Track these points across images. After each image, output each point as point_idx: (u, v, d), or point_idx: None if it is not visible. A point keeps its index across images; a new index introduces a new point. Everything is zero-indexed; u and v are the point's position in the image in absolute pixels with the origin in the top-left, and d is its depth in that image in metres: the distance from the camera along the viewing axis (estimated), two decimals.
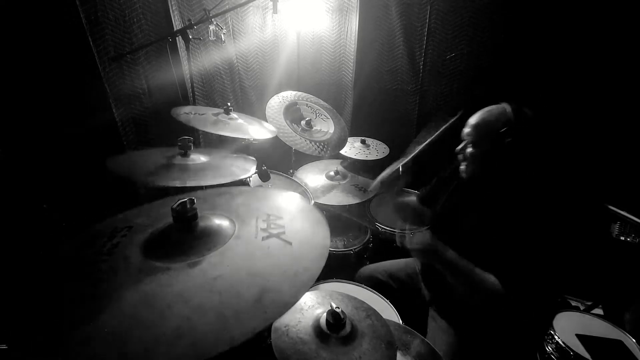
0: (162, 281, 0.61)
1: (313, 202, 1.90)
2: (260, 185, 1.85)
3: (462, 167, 1.22)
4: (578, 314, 1.44)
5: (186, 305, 0.55)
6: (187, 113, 1.63)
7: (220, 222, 0.77)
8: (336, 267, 1.76)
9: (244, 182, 1.77)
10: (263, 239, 0.73)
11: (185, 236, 0.71)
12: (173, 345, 0.49)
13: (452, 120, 1.45)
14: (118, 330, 0.51)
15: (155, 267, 0.64)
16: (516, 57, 2.11)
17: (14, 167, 1.57)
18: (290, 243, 0.72)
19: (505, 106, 1.11)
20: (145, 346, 0.49)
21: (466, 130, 1.17)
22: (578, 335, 1.31)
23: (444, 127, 1.48)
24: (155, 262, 0.65)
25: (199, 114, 1.65)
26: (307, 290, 0.64)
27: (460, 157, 1.22)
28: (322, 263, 0.67)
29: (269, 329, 0.90)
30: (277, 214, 0.83)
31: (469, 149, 1.17)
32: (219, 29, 1.87)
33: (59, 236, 1.60)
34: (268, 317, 0.54)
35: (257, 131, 1.72)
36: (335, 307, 0.91)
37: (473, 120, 1.16)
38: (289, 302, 0.58)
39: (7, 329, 0.53)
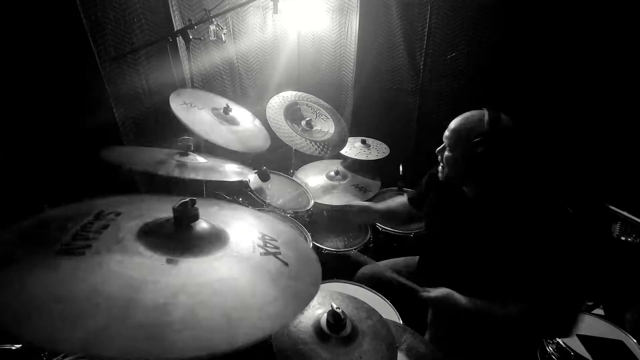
0: (165, 271, 0.60)
1: (313, 201, 1.90)
2: (261, 186, 1.85)
3: (440, 168, 1.24)
4: None
5: (189, 299, 0.55)
6: (185, 103, 1.60)
7: (220, 227, 0.77)
8: (337, 268, 1.76)
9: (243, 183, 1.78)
10: (261, 254, 0.72)
11: (184, 234, 0.71)
12: (177, 333, 0.49)
13: None
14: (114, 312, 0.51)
15: (152, 256, 0.63)
16: (516, 57, 2.11)
17: (14, 167, 1.57)
18: (286, 264, 0.72)
19: (484, 113, 1.09)
20: (147, 334, 0.49)
21: (446, 133, 1.18)
22: (579, 336, 1.30)
23: None
24: (152, 251, 0.65)
25: (197, 107, 1.63)
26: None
27: (439, 158, 1.23)
28: (317, 289, 0.71)
29: None
30: (270, 235, 0.82)
31: (446, 153, 1.18)
32: (219, 29, 1.88)
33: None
34: (272, 326, 0.56)
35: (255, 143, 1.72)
36: (336, 308, 0.91)
37: (452, 124, 1.16)
38: (290, 317, 0.61)
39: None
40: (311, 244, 1.72)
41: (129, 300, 0.52)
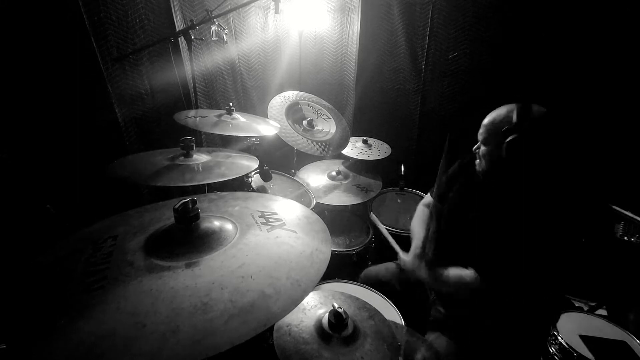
0: (188, 275, 0.62)
1: (315, 202, 1.90)
2: (262, 186, 1.85)
3: (477, 165, 1.27)
4: (582, 314, 1.43)
5: (223, 292, 0.58)
6: (189, 117, 1.63)
7: (223, 220, 0.78)
8: (338, 268, 1.76)
9: (245, 181, 1.78)
10: (268, 230, 0.76)
11: (190, 235, 0.72)
12: (225, 325, 0.52)
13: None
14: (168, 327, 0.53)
15: (174, 266, 0.65)
16: (518, 57, 2.10)
17: (17, 168, 1.58)
18: (294, 231, 0.77)
19: (516, 105, 1.12)
20: (196, 335, 0.51)
21: (480, 129, 1.22)
22: (581, 336, 1.30)
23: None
24: (170, 262, 0.66)
25: (201, 117, 1.66)
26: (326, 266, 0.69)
27: (476, 155, 1.27)
28: (330, 244, 0.76)
29: (271, 328, 0.90)
30: (269, 211, 0.86)
31: (482, 147, 1.21)
32: (221, 29, 1.88)
33: (61, 236, 1.62)
34: (304, 289, 0.61)
35: (261, 128, 1.72)
36: (338, 307, 0.91)
37: (485, 119, 1.20)
38: (317, 276, 0.65)
39: (11, 331, 0.53)
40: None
41: (174, 312, 0.54)
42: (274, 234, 0.76)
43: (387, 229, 1.87)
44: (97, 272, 0.64)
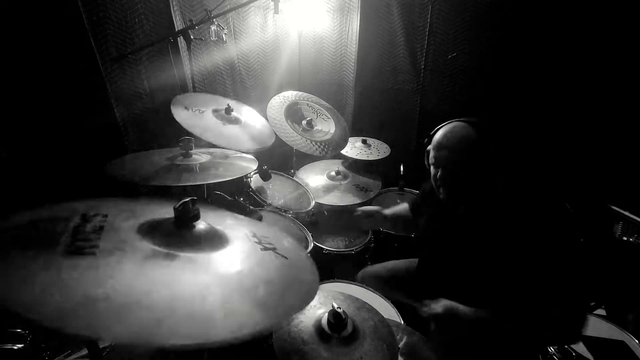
0: (174, 266, 0.61)
1: (314, 202, 1.90)
2: (262, 186, 1.85)
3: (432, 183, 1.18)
4: None
5: (219, 292, 0.57)
6: (186, 108, 1.58)
7: (221, 228, 0.77)
8: (338, 267, 1.76)
9: (244, 181, 1.78)
10: (261, 250, 0.75)
11: (187, 232, 0.71)
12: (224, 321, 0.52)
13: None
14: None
15: (166, 253, 0.63)
16: (517, 57, 2.10)
17: (16, 168, 1.58)
18: (286, 257, 0.75)
19: (463, 124, 1.08)
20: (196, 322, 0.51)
21: (431, 153, 1.14)
22: None
23: None
24: (166, 249, 0.64)
25: (199, 111, 1.62)
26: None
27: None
28: (317, 278, 0.75)
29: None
30: (262, 234, 0.84)
31: (432, 170, 1.13)
32: (220, 29, 1.88)
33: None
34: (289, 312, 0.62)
35: (257, 133, 1.71)
36: (337, 308, 0.91)
37: (434, 143, 1.13)
38: (304, 303, 0.65)
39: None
40: (312, 244, 1.72)
41: (170, 294, 0.53)
42: (266, 254, 0.74)
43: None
44: (88, 239, 0.61)
